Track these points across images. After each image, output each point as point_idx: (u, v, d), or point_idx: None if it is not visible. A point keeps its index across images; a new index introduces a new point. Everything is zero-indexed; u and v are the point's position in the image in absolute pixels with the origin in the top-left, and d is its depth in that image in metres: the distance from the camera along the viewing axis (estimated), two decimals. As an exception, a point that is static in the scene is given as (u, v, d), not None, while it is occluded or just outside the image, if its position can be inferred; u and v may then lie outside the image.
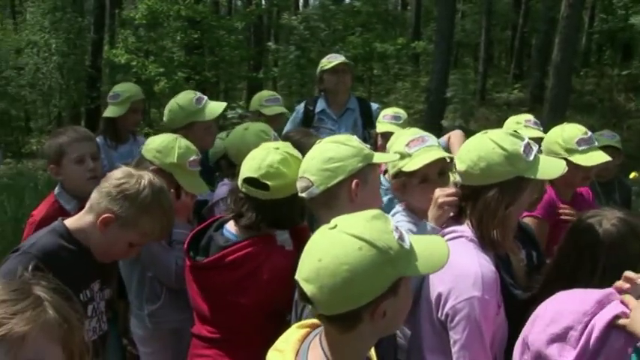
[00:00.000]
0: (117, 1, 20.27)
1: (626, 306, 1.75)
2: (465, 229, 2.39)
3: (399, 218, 2.96)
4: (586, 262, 2.27)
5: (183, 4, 17.16)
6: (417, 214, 2.91)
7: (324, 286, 1.56)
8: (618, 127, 15.34)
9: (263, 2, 22.28)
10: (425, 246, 1.70)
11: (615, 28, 19.71)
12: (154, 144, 3.26)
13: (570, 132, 3.48)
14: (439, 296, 2.28)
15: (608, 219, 2.30)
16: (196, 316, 2.80)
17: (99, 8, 18.44)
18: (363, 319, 1.59)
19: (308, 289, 1.59)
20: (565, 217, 3.43)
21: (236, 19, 20.26)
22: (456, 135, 4.15)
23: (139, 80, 15.04)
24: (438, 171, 2.84)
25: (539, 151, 2.48)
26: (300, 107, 5.67)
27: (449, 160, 2.84)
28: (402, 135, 3.12)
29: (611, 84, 19.97)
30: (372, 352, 1.79)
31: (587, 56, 24.49)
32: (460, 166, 2.39)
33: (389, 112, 4.75)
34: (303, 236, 2.57)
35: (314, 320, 1.78)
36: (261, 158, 2.62)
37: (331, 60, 5.48)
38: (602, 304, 1.77)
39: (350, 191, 2.38)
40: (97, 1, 18.44)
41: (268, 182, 2.57)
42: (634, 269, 1.90)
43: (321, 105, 5.54)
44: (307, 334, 1.77)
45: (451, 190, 2.52)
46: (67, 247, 2.42)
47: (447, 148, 3.64)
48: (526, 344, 1.88)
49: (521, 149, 2.29)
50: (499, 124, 4.46)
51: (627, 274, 1.87)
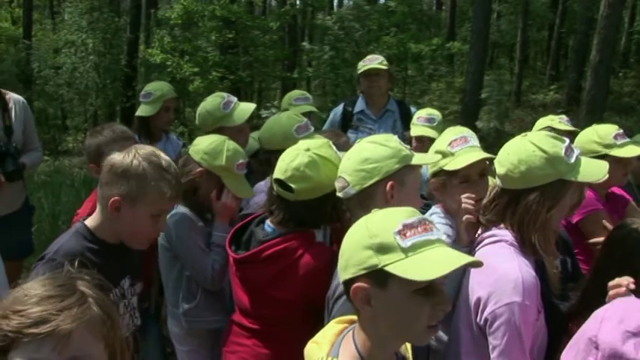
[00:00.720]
0: (153, 1, 20.49)
1: None
2: (506, 233, 2.34)
3: (436, 220, 2.92)
4: (625, 274, 2.22)
5: (218, 4, 17.25)
6: (453, 216, 2.89)
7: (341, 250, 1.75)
8: (658, 129, 15.03)
9: (297, 2, 22.29)
10: (437, 257, 1.62)
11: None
12: (202, 145, 3.24)
13: (604, 129, 3.52)
14: (478, 301, 2.25)
15: None
16: (237, 306, 2.83)
17: (135, 8, 18.68)
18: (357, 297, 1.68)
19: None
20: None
21: (270, 19, 20.32)
22: None
23: (173, 79, 15.17)
24: (479, 172, 2.81)
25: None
26: (339, 108, 5.66)
27: (488, 162, 2.80)
28: (445, 134, 3.10)
29: (650, 85, 19.65)
30: (410, 352, 1.85)
31: (626, 57, 24.13)
32: (500, 169, 2.35)
33: (422, 113, 4.69)
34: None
35: (353, 317, 1.82)
36: (290, 160, 2.64)
37: (365, 64, 5.44)
38: None
39: (385, 192, 2.37)
40: (134, 1, 18.68)
41: (293, 185, 2.59)
42: None
43: (360, 105, 5.53)
44: (344, 329, 1.83)
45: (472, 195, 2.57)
46: (92, 247, 2.40)
47: None
48: (593, 344, 1.82)
49: (563, 151, 2.25)
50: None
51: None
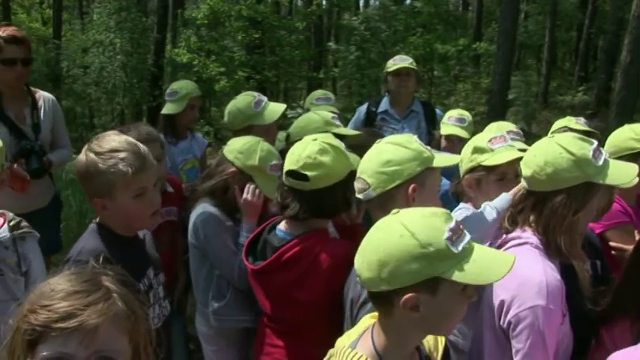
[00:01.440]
0: (179, 2, 20.61)
1: None
2: (531, 235, 2.32)
3: (463, 213, 2.92)
4: None
5: (244, 4, 17.31)
6: None
7: (365, 261, 1.71)
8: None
9: (324, 2, 22.30)
10: (487, 259, 1.70)
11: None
12: (237, 145, 3.25)
13: (639, 126, 3.50)
14: (502, 303, 2.23)
15: None
16: (264, 311, 2.83)
17: (162, 8, 18.81)
18: (394, 305, 1.67)
19: (356, 261, 1.75)
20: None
21: (297, 19, 20.37)
22: None
23: (199, 79, 15.24)
24: (516, 171, 2.77)
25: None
26: (363, 108, 5.66)
27: None
28: (489, 132, 3.12)
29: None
30: (440, 352, 1.88)
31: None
32: (526, 171, 2.33)
33: (454, 114, 4.70)
34: (356, 233, 2.63)
35: None
36: (300, 150, 2.65)
37: (396, 62, 5.46)
38: None
39: (407, 195, 2.36)
40: (161, 2, 18.81)
41: (308, 173, 2.59)
42: None
43: (384, 106, 5.52)
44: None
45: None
46: (111, 243, 2.41)
47: None
48: None
49: (590, 153, 2.22)
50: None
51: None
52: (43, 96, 4.44)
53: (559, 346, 2.21)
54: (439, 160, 2.48)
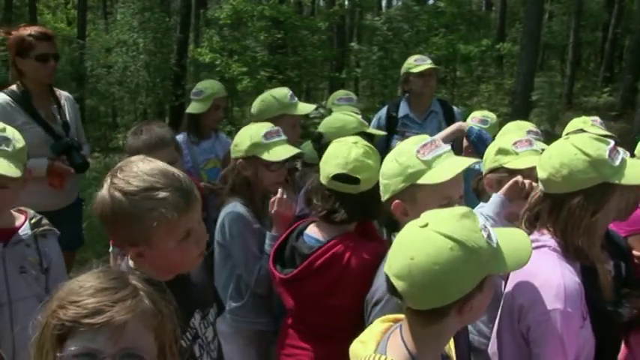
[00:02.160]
0: (202, 2, 20.72)
1: None
2: (548, 238, 2.29)
3: (484, 212, 2.90)
4: None
5: (267, 4, 17.33)
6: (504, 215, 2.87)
7: (415, 283, 1.63)
8: None
9: (346, 2, 22.28)
10: (509, 241, 1.75)
11: None
12: (233, 143, 3.35)
13: None
14: (520, 307, 2.21)
15: None
16: (291, 315, 2.83)
17: (185, 8, 18.91)
18: (450, 315, 1.67)
19: (399, 285, 1.66)
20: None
21: (319, 19, 20.34)
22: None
23: (222, 79, 15.27)
24: (537, 176, 2.75)
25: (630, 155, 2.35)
26: (383, 113, 5.61)
27: None
28: (508, 132, 3.09)
29: None
30: (453, 351, 1.88)
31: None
32: (542, 173, 2.31)
33: (477, 114, 4.73)
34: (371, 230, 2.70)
35: (397, 315, 1.85)
36: (346, 153, 2.64)
37: (419, 63, 5.39)
38: None
39: (396, 210, 2.36)
40: (184, 2, 18.89)
41: (359, 176, 2.58)
42: None
43: (404, 109, 5.46)
44: (389, 328, 1.84)
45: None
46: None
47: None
48: None
49: (606, 154, 2.19)
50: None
51: None
52: (64, 95, 4.52)
53: (580, 350, 2.18)
54: (430, 176, 2.32)
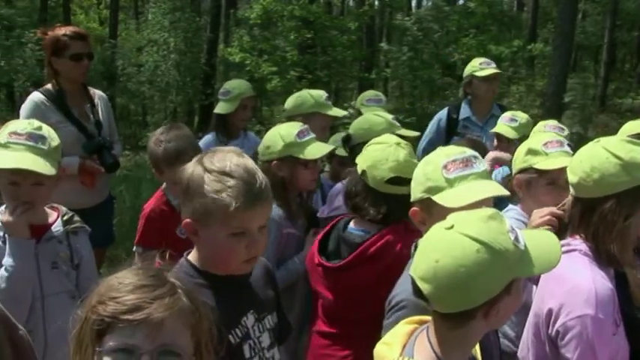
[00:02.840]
0: (232, 2, 20.84)
1: None
2: (579, 242, 2.24)
3: (512, 214, 2.92)
4: None
5: (297, 4, 17.37)
6: (529, 216, 2.85)
7: (441, 286, 1.60)
8: None
9: (376, 3, 22.25)
10: (537, 244, 1.70)
11: None
12: (261, 145, 3.33)
13: None
14: (550, 312, 2.17)
15: None
16: (322, 313, 2.83)
17: (215, 8, 19.07)
18: (476, 318, 1.64)
19: (424, 288, 1.63)
20: None
21: (349, 20, 20.36)
22: None
23: (251, 78, 15.34)
24: (567, 177, 2.71)
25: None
26: (443, 114, 5.58)
27: None
28: (539, 132, 3.05)
29: None
30: (479, 354, 1.84)
31: None
32: (572, 177, 2.26)
33: (508, 114, 4.73)
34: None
35: (422, 317, 1.82)
36: (395, 156, 2.63)
37: (484, 67, 5.38)
38: None
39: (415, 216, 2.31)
40: (214, 2, 19.05)
41: (410, 177, 2.49)
42: None
43: (465, 112, 5.44)
44: (415, 330, 1.81)
45: (547, 210, 2.51)
46: (200, 283, 2.02)
47: None
48: None
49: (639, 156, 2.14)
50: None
51: None
52: (97, 94, 4.56)
53: (613, 358, 2.13)
54: (447, 195, 2.20)
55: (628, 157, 2.14)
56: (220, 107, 4.98)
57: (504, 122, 4.58)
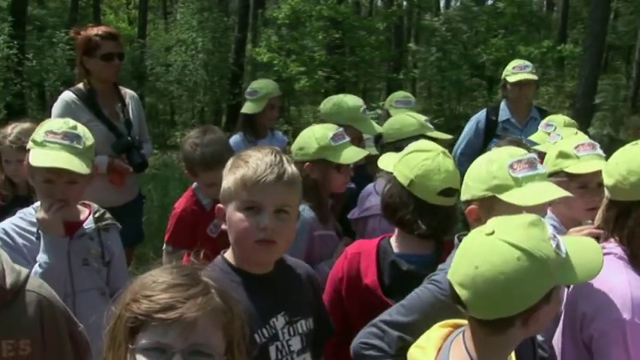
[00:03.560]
0: (260, 2, 20.90)
1: None
2: (614, 245, 2.19)
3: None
4: None
5: (325, 5, 17.39)
6: (561, 221, 2.84)
7: (480, 293, 1.58)
8: None
9: (404, 3, 22.17)
10: (579, 251, 1.67)
11: None
12: (294, 147, 3.27)
13: None
14: (583, 316, 2.12)
15: None
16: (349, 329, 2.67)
17: (243, 8, 19.10)
18: (515, 326, 1.61)
19: (462, 294, 1.61)
20: None
21: (377, 20, 20.35)
22: None
23: (279, 78, 15.37)
24: (600, 181, 2.66)
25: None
26: (482, 116, 5.57)
27: None
28: (570, 136, 3.01)
29: None
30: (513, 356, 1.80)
31: None
32: (608, 180, 2.20)
33: (545, 119, 4.61)
34: None
35: (456, 320, 1.79)
36: (445, 167, 2.52)
37: (516, 71, 5.35)
38: None
39: (470, 214, 2.26)
40: (242, 1, 19.09)
41: (458, 187, 2.46)
42: None
43: (504, 114, 5.43)
44: (449, 333, 1.78)
45: (587, 231, 2.39)
46: (232, 280, 2.03)
47: None
48: None
49: None
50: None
51: None
52: (128, 93, 4.59)
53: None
54: (517, 194, 2.17)
55: None
56: (248, 107, 5.00)
57: (541, 129, 4.48)
